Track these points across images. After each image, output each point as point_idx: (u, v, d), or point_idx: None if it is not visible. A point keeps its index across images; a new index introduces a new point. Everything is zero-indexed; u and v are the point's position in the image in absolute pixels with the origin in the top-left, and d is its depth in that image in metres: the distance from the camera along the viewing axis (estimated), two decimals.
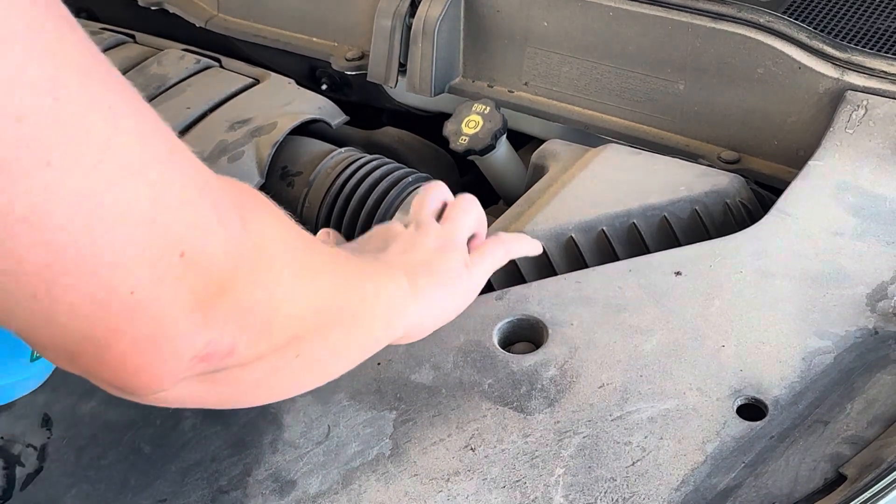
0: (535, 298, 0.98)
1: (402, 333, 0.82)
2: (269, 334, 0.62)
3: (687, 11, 1.29)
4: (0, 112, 0.44)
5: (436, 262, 0.86)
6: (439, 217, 0.92)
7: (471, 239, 0.92)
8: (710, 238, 1.08)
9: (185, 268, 0.53)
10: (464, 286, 0.88)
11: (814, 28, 1.27)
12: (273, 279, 0.61)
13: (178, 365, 0.56)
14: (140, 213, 0.51)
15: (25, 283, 0.49)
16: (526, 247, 0.98)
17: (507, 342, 0.95)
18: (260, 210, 0.63)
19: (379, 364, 0.92)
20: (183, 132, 1.35)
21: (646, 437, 0.84)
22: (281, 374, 0.68)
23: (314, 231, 1.36)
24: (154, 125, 0.53)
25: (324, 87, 1.58)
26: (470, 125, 1.35)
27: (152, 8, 1.69)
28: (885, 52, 1.25)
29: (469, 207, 0.93)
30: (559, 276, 1.02)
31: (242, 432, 0.87)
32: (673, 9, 1.30)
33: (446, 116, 1.38)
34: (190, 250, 0.53)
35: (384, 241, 0.88)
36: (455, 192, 1.40)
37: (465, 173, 1.52)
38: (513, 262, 1.09)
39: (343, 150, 1.40)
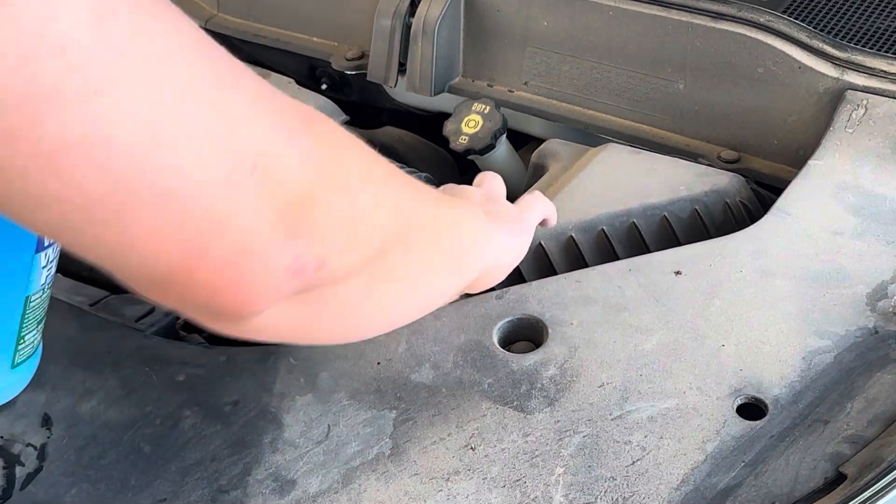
0: (535, 298, 0.98)
1: (483, 267, 0.82)
2: (357, 244, 0.62)
3: (687, 11, 1.29)
4: (42, 41, 0.44)
5: (495, 209, 0.88)
6: None
7: None
8: (710, 237, 1.08)
9: (260, 181, 0.53)
10: (524, 232, 0.92)
11: (814, 27, 1.27)
12: (353, 188, 0.61)
13: (271, 280, 0.56)
14: (204, 131, 0.51)
15: (94, 212, 0.49)
16: (551, 208, 1.02)
17: (507, 341, 0.95)
18: (329, 126, 0.63)
19: (379, 364, 0.92)
20: None
21: (646, 437, 0.83)
22: (375, 296, 0.68)
23: None
24: (209, 48, 0.53)
25: (324, 86, 1.58)
26: (470, 124, 1.35)
27: None
28: (885, 52, 1.25)
29: (496, 177, 0.98)
30: (559, 276, 1.02)
31: (242, 432, 0.87)
32: (673, 8, 1.30)
33: (446, 116, 1.38)
34: (262, 163, 0.53)
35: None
36: None
37: (465, 173, 1.52)
38: None
39: None
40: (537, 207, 0.97)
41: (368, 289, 0.66)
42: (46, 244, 0.80)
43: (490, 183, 0.96)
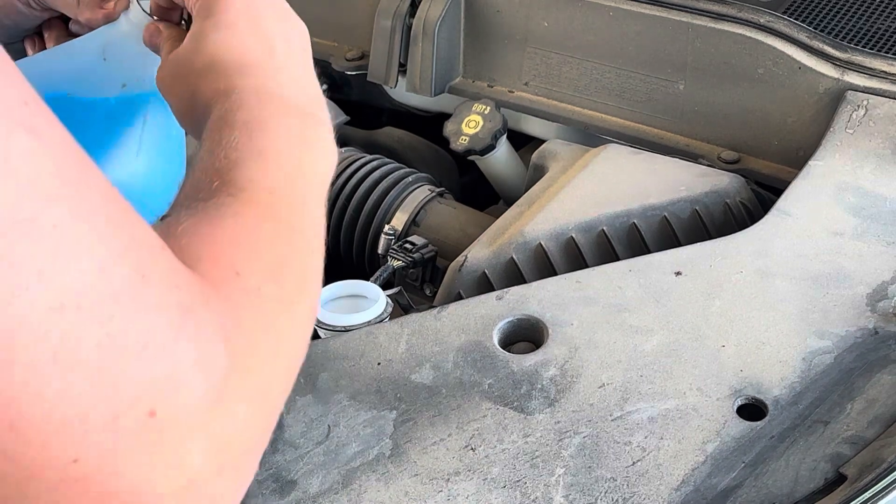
0: (535, 298, 0.98)
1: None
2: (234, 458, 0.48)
3: (687, 11, 1.29)
4: None
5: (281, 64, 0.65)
6: None
7: None
8: (711, 238, 1.08)
9: (158, 428, 0.41)
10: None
11: (814, 28, 1.27)
12: (252, 409, 0.48)
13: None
14: (85, 363, 0.39)
15: None
16: None
17: (508, 342, 0.95)
18: (248, 315, 0.49)
19: (379, 364, 0.92)
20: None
21: (646, 437, 0.84)
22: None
23: None
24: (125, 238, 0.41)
25: (324, 86, 1.58)
26: (470, 125, 1.35)
27: None
28: (886, 52, 1.25)
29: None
30: (559, 276, 1.02)
31: None
32: (673, 9, 1.30)
33: (446, 116, 1.39)
34: (161, 407, 0.41)
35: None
36: (455, 192, 1.41)
37: (465, 173, 1.52)
38: (512, 262, 1.09)
39: (343, 150, 1.40)
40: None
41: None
42: None
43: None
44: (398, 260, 1.20)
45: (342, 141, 1.45)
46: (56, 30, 0.80)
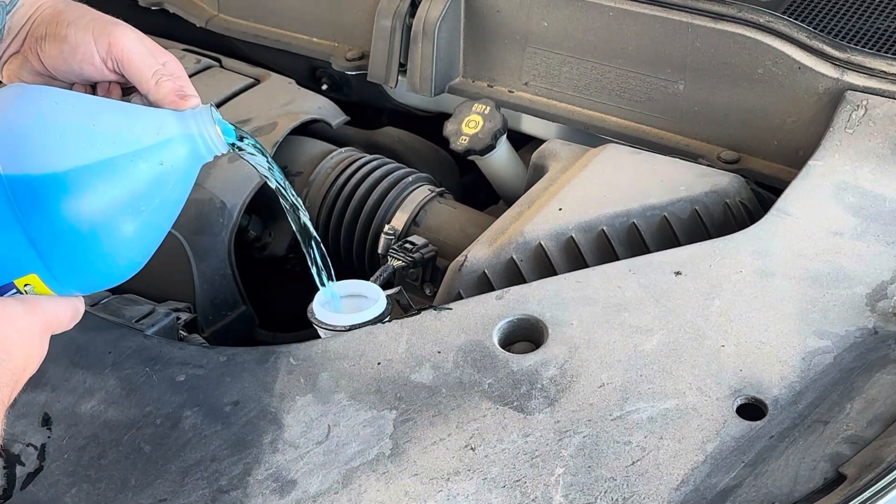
0: (535, 298, 0.98)
1: None
2: None
3: (687, 11, 1.29)
4: None
5: None
6: None
7: None
8: (710, 238, 1.08)
9: None
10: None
11: (814, 28, 1.27)
12: None
13: None
14: None
15: None
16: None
17: (508, 342, 0.95)
18: None
19: (379, 364, 0.92)
20: None
21: (646, 437, 0.84)
22: None
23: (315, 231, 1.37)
24: None
25: (324, 87, 1.58)
26: (470, 125, 1.35)
27: (152, 8, 1.69)
28: (885, 52, 1.25)
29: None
30: (559, 276, 1.02)
31: (242, 432, 0.87)
32: (673, 9, 1.30)
33: (446, 116, 1.39)
34: None
35: None
36: (455, 192, 1.41)
37: (465, 173, 1.52)
38: (512, 262, 1.09)
39: (343, 150, 1.40)
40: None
41: None
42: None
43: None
44: (398, 260, 1.20)
45: (342, 141, 1.46)
46: (114, 96, 0.81)
